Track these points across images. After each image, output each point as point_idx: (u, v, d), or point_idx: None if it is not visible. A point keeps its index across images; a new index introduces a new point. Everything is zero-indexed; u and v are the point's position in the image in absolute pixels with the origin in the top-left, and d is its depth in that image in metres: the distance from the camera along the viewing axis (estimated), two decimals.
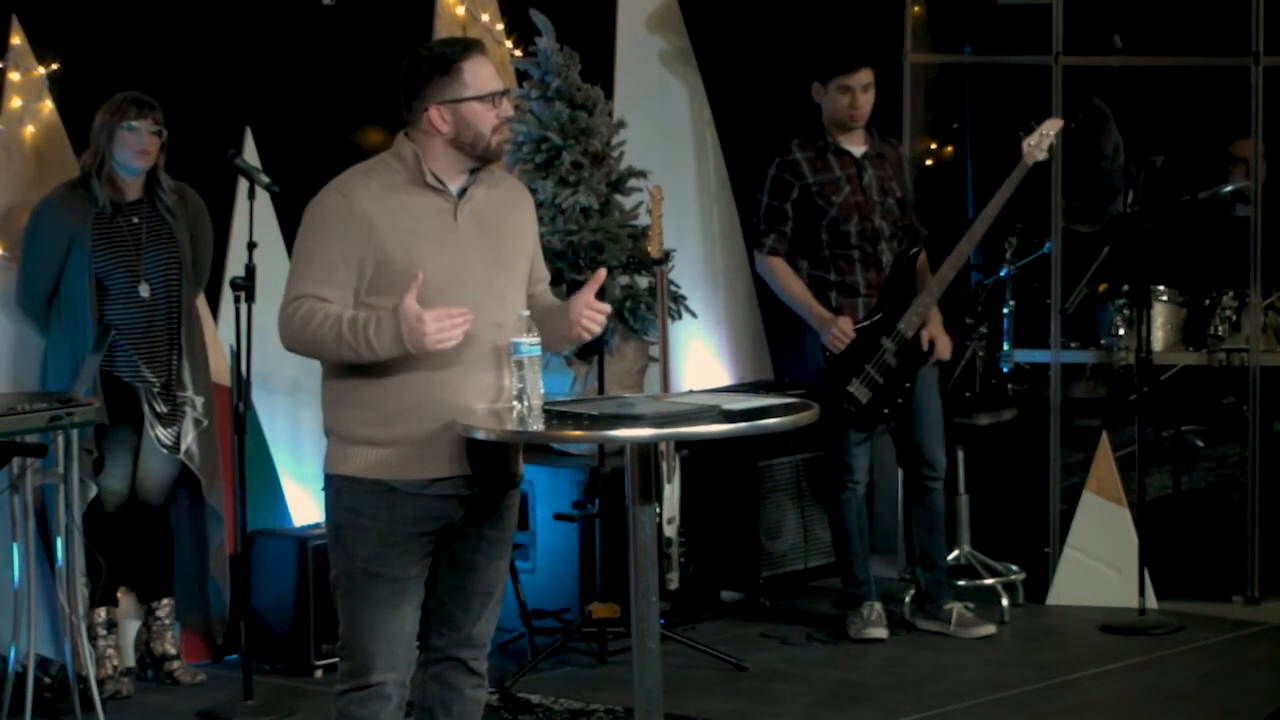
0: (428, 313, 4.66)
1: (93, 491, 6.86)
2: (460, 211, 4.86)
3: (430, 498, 4.82)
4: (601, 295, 7.52)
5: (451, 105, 4.81)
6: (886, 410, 7.63)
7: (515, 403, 4.77)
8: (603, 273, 4.97)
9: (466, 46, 4.88)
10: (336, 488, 4.86)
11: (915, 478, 7.82)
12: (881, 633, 7.71)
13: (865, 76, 7.60)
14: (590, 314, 4.90)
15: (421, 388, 4.79)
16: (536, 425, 4.73)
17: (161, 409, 6.93)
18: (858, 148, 7.67)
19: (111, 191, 6.86)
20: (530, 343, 4.75)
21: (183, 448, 6.97)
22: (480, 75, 4.83)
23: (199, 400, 7.00)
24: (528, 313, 4.84)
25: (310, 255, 4.80)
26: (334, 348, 4.74)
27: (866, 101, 7.62)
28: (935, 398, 7.77)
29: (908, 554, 8.08)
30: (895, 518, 8.46)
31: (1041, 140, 7.58)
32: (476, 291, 4.81)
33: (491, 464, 4.88)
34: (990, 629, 7.72)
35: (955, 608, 7.75)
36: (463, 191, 4.88)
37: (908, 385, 7.66)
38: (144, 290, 6.91)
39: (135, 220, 6.92)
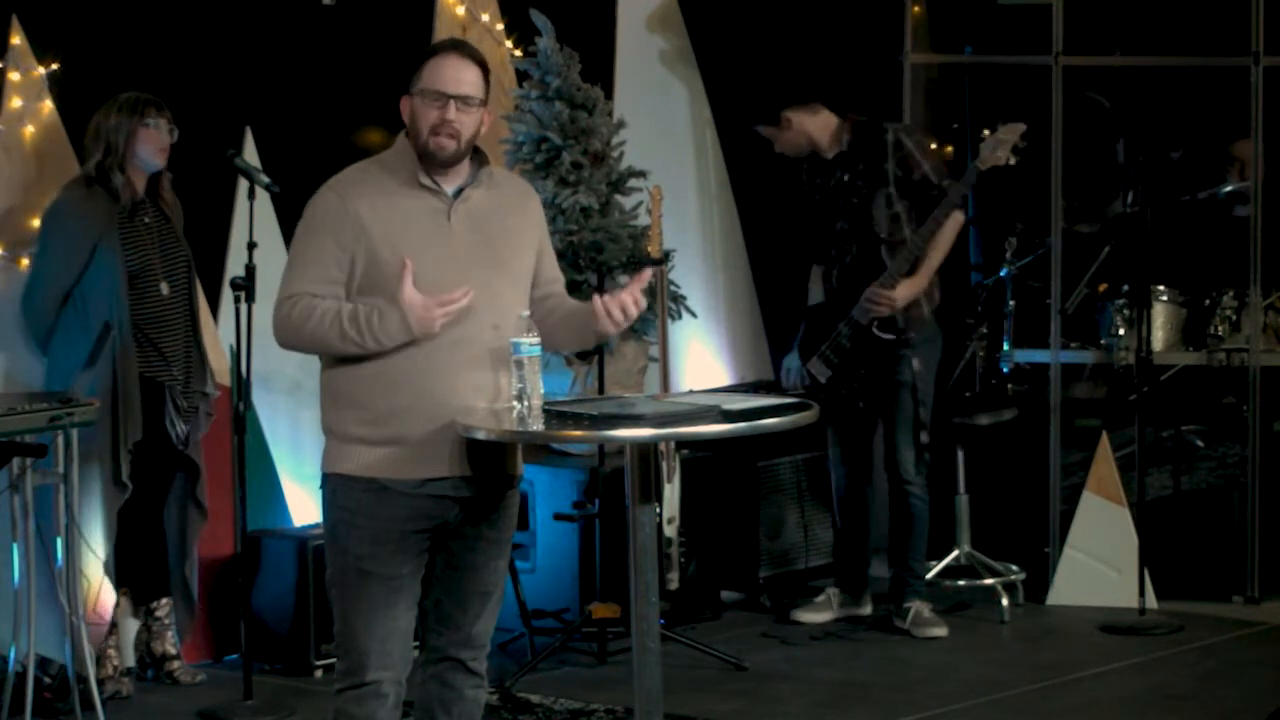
0: (431, 299, 4.70)
1: (127, 493, 6.85)
2: (454, 212, 4.86)
3: (424, 497, 4.82)
4: (602, 294, 7.61)
5: (409, 97, 4.84)
6: (844, 392, 7.69)
7: (515, 403, 4.77)
8: (648, 272, 5.00)
9: (444, 47, 4.88)
10: (332, 486, 4.88)
11: (890, 480, 7.84)
12: (814, 617, 7.83)
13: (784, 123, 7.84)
14: (626, 302, 4.91)
15: (416, 388, 4.79)
16: (536, 425, 4.72)
17: (183, 404, 6.95)
18: (831, 151, 7.80)
19: (130, 190, 6.87)
20: (530, 343, 4.75)
21: (192, 442, 6.99)
22: (434, 73, 4.82)
23: (214, 395, 7.04)
24: (527, 313, 4.84)
25: (305, 254, 4.82)
26: (335, 342, 4.76)
27: (782, 144, 7.87)
28: (906, 403, 7.73)
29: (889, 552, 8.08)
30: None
31: (998, 147, 7.59)
32: (471, 295, 4.81)
33: (488, 464, 4.88)
34: (942, 631, 7.73)
35: (914, 606, 7.76)
36: (458, 192, 4.88)
37: (862, 371, 7.69)
38: (164, 288, 6.92)
39: (147, 219, 6.93)
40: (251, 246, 6.71)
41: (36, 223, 6.93)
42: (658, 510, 5.72)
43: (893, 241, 7.70)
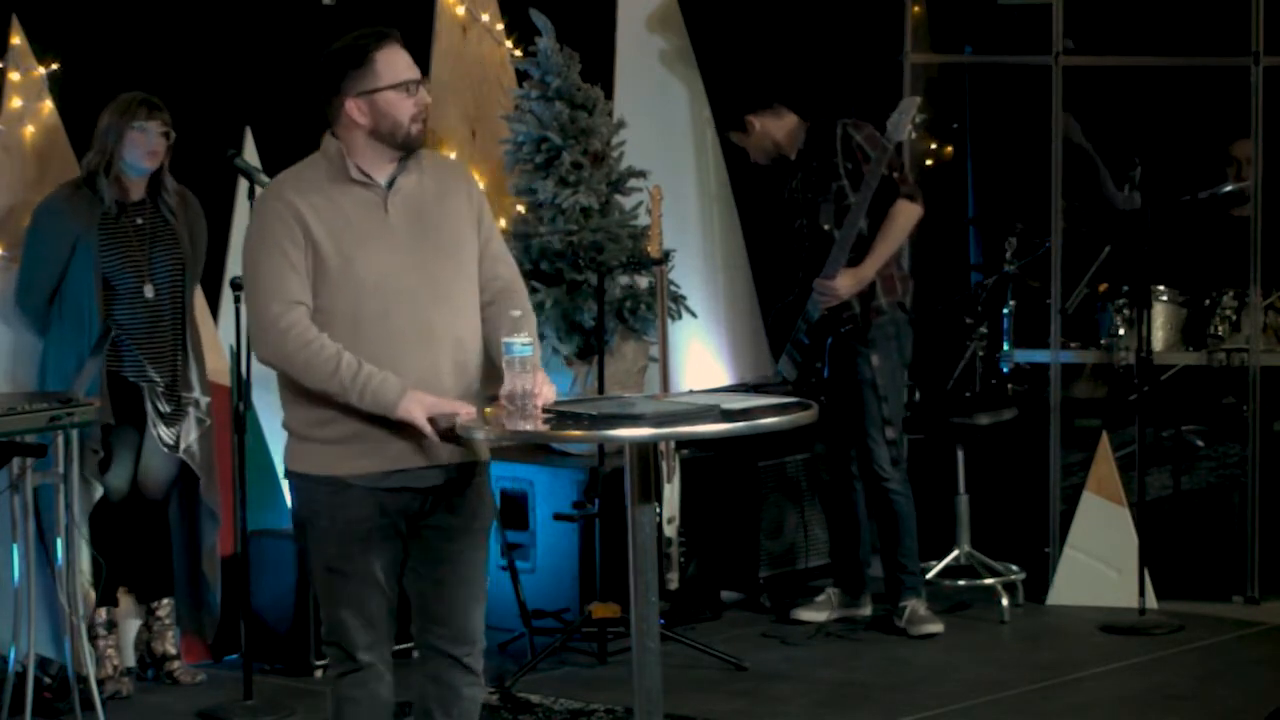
0: (441, 406, 4.73)
1: (98, 492, 6.88)
2: (390, 203, 4.85)
3: (386, 491, 4.83)
4: (602, 295, 7.62)
5: (367, 96, 4.82)
6: (804, 387, 7.69)
7: (507, 403, 4.75)
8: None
9: (379, 37, 4.88)
10: (295, 484, 4.94)
11: (868, 480, 7.82)
12: (814, 615, 7.85)
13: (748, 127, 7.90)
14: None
15: None
16: (536, 425, 4.72)
17: (165, 408, 6.94)
18: (793, 152, 7.83)
19: (117, 192, 6.87)
20: (522, 343, 4.73)
21: (183, 446, 6.97)
22: (393, 64, 4.84)
23: (204, 400, 7.02)
24: (518, 313, 4.84)
25: (271, 262, 4.78)
26: (320, 378, 4.76)
27: (751, 149, 7.91)
28: (870, 401, 7.68)
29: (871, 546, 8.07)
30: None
31: (899, 123, 7.66)
32: (415, 285, 4.81)
33: (451, 452, 4.86)
34: (938, 628, 7.72)
35: (909, 604, 7.75)
36: (391, 183, 4.87)
37: (818, 365, 7.71)
38: (149, 291, 6.91)
39: (139, 221, 6.93)
40: None
41: None
42: (658, 510, 5.72)
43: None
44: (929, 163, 9.63)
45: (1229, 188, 8.73)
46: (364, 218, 4.82)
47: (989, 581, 8.08)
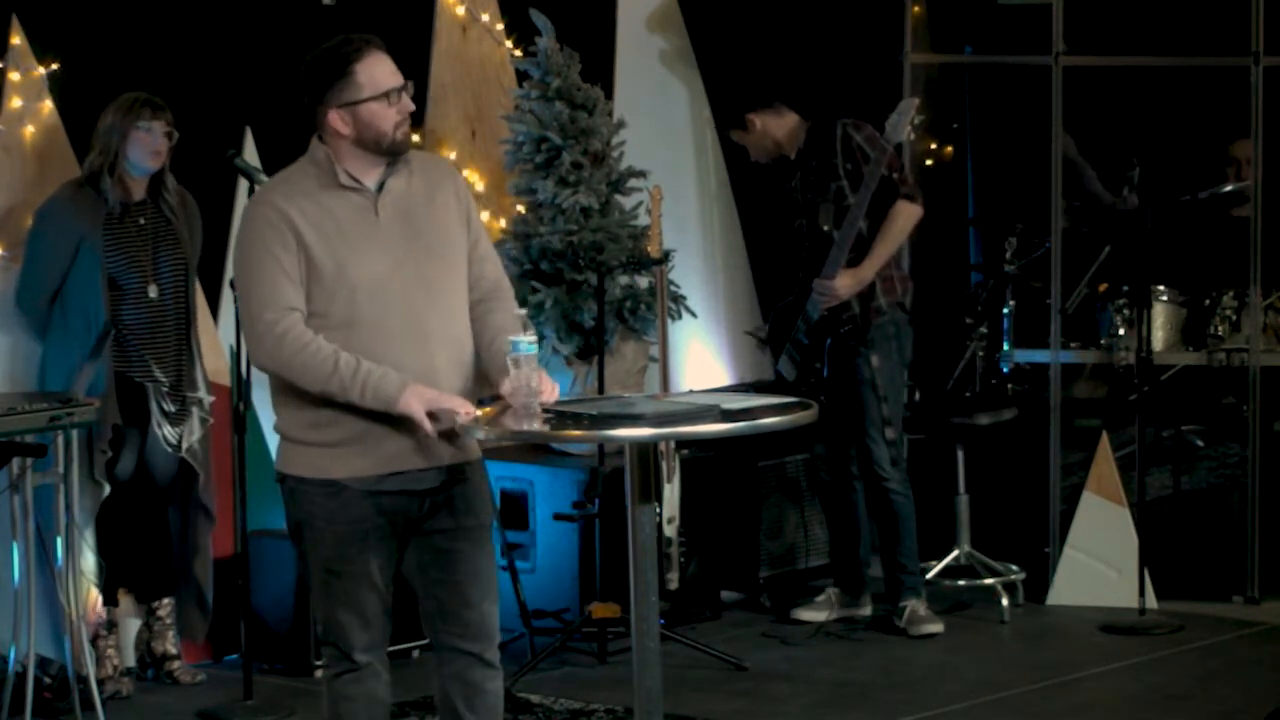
0: (441, 400, 4.72)
1: (105, 491, 6.87)
2: (380, 207, 4.85)
3: (382, 494, 4.84)
4: (601, 295, 7.63)
5: (350, 108, 4.81)
6: (803, 388, 7.67)
7: (511, 401, 4.76)
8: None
9: (359, 46, 4.86)
10: (289, 487, 4.93)
11: (868, 480, 7.81)
12: (814, 615, 7.84)
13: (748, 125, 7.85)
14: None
15: None
16: (536, 425, 4.72)
17: (170, 408, 6.94)
18: (793, 152, 7.80)
19: (120, 192, 6.87)
20: (528, 341, 4.73)
21: (185, 446, 6.98)
22: (374, 74, 4.82)
23: (208, 400, 7.03)
24: (523, 311, 4.84)
25: (263, 268, 4.77)
26: (319, 379, 4.75)
27: (751, 148, 7.87)
28: (870, 401, 7.67)
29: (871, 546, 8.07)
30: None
31: (899, 123, 7.65)
32: (408, 287, 4.81)
33: (444, 452, 4.86)
34: (937, 627, 7.72)
35: (909, 605, 7.75)
36: (380, 186, 4.86)
37: (817, 365, 7.70)
38: (153, 291, 6.92)
39: (142, 221, 6.93)
40: None
41: None
42: (658, 510, 5.72)
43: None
44: (929, 163, 9.63)
45: (1229, 188, 8.73)
46: (355, 222, 4.82)
47: (989, 581, 8.08)
